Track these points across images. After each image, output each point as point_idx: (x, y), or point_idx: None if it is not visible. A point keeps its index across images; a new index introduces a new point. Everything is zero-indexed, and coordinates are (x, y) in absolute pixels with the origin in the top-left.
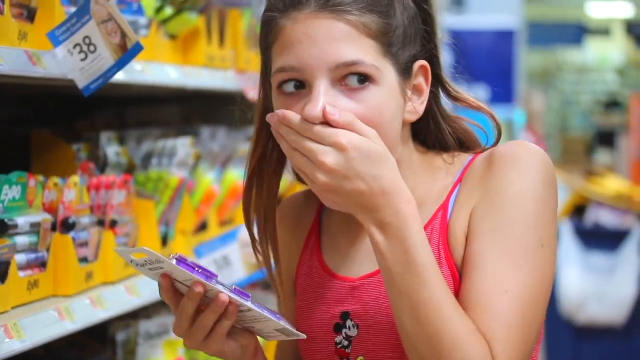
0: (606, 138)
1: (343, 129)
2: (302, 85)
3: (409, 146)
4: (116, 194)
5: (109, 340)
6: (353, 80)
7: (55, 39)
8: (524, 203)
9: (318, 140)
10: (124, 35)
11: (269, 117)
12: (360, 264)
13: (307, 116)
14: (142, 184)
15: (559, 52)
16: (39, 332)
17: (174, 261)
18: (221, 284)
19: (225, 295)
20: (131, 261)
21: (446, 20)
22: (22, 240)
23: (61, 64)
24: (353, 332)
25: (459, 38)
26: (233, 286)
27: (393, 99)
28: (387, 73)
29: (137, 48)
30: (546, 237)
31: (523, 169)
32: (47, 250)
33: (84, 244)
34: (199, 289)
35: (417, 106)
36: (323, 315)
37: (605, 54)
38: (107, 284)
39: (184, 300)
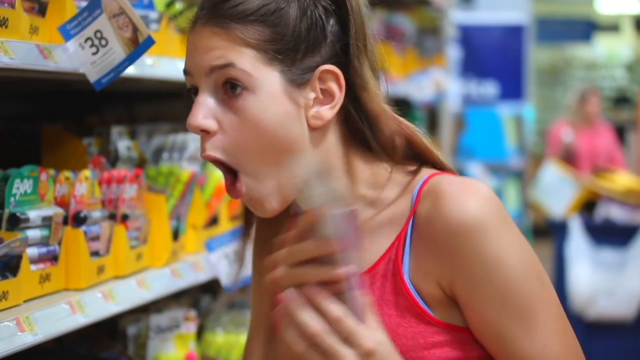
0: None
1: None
2: (194, 91)
3: (346, 153)
4: (127, 188)
5: (120, 334)
6: (228, 89)
7: (66, 33)
8: (506, 260)
9: (345, 337)
10: (135, 29)
11: (288, 294)
12: None
13: (187, 126)
14: (153, 179)
15: (568, 48)
16: (51, 325)
17: (341, 211)
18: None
19: (342, 266)
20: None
21: (456, 16)
22: (33, 234)
23: (72, 58)
24: None
25: (468, 34)
26: (357, 275)
27: (275, 106)
28: (268, 80)
29: (149, 42)
30: (537, 268)
31: (489, 233)
32: (59, 244)
33: (96, 238)
34: (332, 247)
35: (324, 111)
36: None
37: (614, 50)
38: (118, 278)
39: (312, 242)
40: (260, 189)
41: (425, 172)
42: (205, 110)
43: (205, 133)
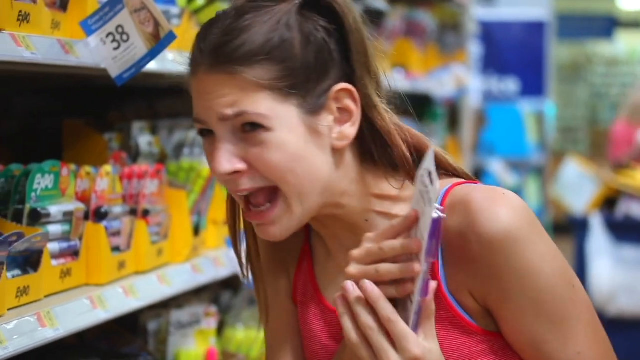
0: None
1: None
2: (207, 132)
3: (360, 170)
4: (149, 184)
5: (141, 329)
6: (248, 127)
7: (88, 28)
8: (539, 269)
9: (393, 338)
10: (157, 24)
11: (347, 285)
12: None
13: (216, 174)
14: (174, 174)
15: (589, 44)
16: (72, 320)
17: (435, 216)
18: (427, 271)
19: (418, 267)
20: (427, 169)
21: (477, 12)
22: (55, 229)
23: (94, 53)
24: None
25: (489, 30)
26: (428, 278)
27: (296, 139)
28: (285, 117)
29: (171, 37)
30: (569, 275)
31: (520, 243)
32: (80, 239)
33: (117, 233)
34: (417, 247)
35: (347, 130)
36: (333, 350)
37: (635, 46)
38: (139, 273)
39: (395, 241)
40: (290, 215)
41: (445, 182)
42: (228, 154)
43: (236, 174)
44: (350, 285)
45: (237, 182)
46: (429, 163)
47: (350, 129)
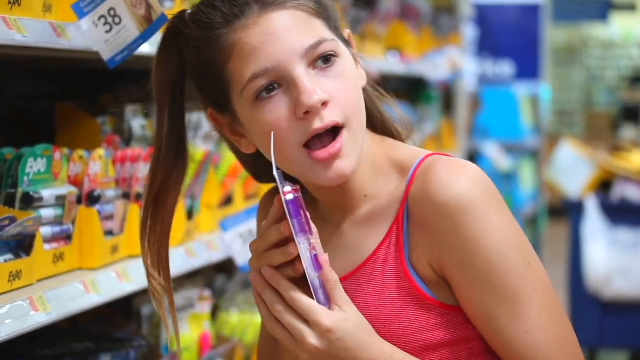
0: (631, 113)
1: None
2: (273, 88)
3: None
4: (142, 167)
5: (134, 314)
6: (320, 62)
7: (80, 10)
8: (490, 242)
9: (302, 315)
10: (149, 6)
11: (253, 276)
12: (337, 264)
13: (305, 106)
14: None
15: (584, 27)
16: (64, 305)
17: (289, 198)
18: (309, 245)
19: (295, 250)
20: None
21: None
22: (47, 213)
23: (86, 36)
24: None
25: (484, 13)
26: (314, 252)
27: (353, 67)
28: (340, 44)
29: (163, 20)
30: (526, 253)
31: (474, 213)
32: (73, 223)
33: (110, 217)
34: (287, 231)
35: (361, 71)
36: None
37: (630, 29)
38: (132, 257)
39: (274, 229)
40: (355, 145)
41: (421, 152)
42: (315, 84)
43: (322, 106)
44: (255, 276)
45: (321, 115)
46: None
47: (362, 71)
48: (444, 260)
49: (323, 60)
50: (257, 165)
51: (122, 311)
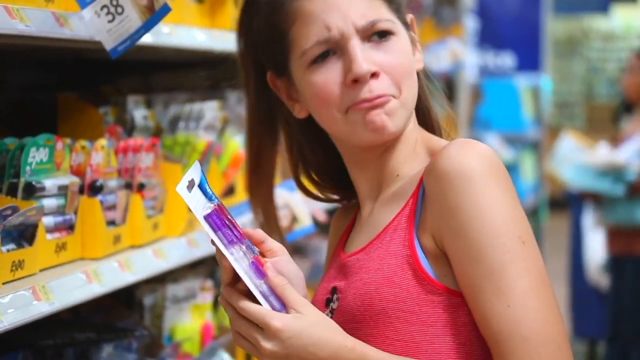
0: (632, 105)
1: (277, 292)
2: (328, 53)
3: (413, 112)
4: (144, 157)
5: (137, 304)
6: (376, 37)
7: (82, 0)
8: (486, 214)
9: (253, 321)
10: None
11: (221, 300)
12: (357, 242)
13: (355, 74)
14: (169, 148)
15: (585, 19)
16: (67, 294)
17: (206, 212)
18: (248, 250)
19: (228, 264)
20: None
21: None
22: (50, 202)
23: (88, 25)
24: (335, 306)
25: (485, 4)
26: (252, 258)
27: (408, 47)
28: (398, 25)
29: (165, 10)
30: (522, 233)
31: (473, 183)
32: (75, 213)
33: (112, 207)
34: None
35: (419, 56)
36: (323, 289)
37: (631, 21)
38: (134, 247)
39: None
40: (401, 114)
41: (447, 140)
42: (366, 56)
43: (371, 78)
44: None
45: (369, 85)
46: (192, 172)
47: (421, 55)
48: (443, 230)
49: (378, 35)
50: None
51: (124, 301)
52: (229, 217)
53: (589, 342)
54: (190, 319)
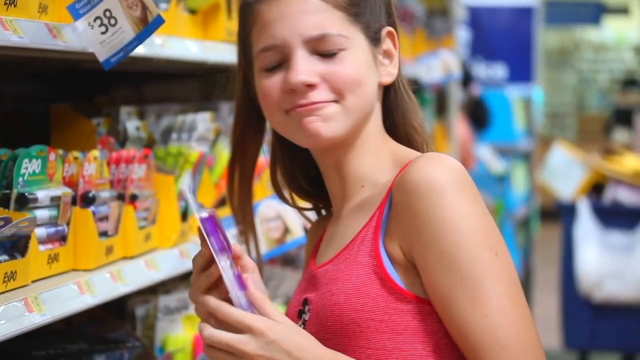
0: (624, 117)
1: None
2: (278, 62)
3: (379, 123)
4: (136, 169)
5: (129, 315)
6: (325, 51)
7: (75, 12)
8: (457, 225)
9: (238, 325)
10: (144, 8)
11: (199, 307)
12: (325, 253)
13: (290, 84)
14: (162, 159)
15: (577, 30)
16: (59, 306)
17: (203, 217)
18: (232, 264)
19: (218, 272)
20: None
21: None
22: (42, 214)
23: (82, 37)
24: (307, 317)
25: (477, 16)
26: (236, 271)
27: (364, 60)
28: (356, 39)
29: (158, 21)
30: (494, 243)
31: (443, 196)
32: (68, 224)
33: (104, 218)
34: (207, 250)
35: (390, 69)
36: (295, 301)
37: (623, 32)
38: (127, 258)
39: (197, 254)
40: (343, 119)
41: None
42: (308, 67)
43: (308, 87)
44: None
45: (306, 94)
46: (188, 180)
47: (394, 69)
48: (413, 242)
49: (325, 53)
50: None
51: (116, 312)
52: (221, 226)
53: (579, 353)
54: (182, 330)
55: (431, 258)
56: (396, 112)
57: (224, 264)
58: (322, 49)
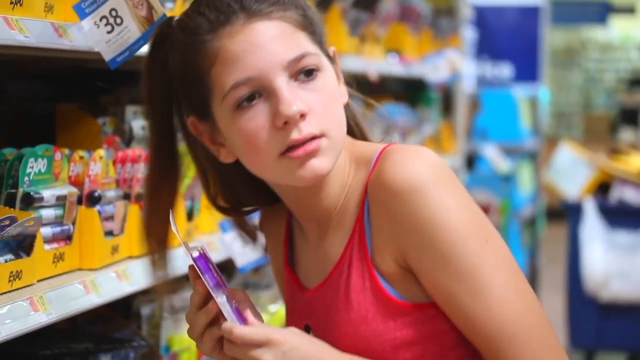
0: (630, 116)
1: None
2: (254, 97)
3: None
4: (142, 168)
5: (134, 314)
6: (302, 75)
7: (81, 11)
8: (446, 220)
9: (254, 342)
10: (150, 7)
11: (198, 347)
12: (314, 275)
13: (284, 116)
14: None
15: (583, 30)
16: (64, 305)
17: (194, 255)
18: (228, 299)
19: (214, 306)
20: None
21: None
22: (48, 213)
23: (87, 36)
24: None
25: (483, 15)
26: (234, 305)
27: (334, 82)
28: (322, 58)
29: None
30: (484, 231)
31: (427, 194)
32: (73, 223)
33: (110, 217)
34: (202, 289)
35: (344, 89)
36: (296, 325)
37: (629, 32)
38: (132, 257)
39: (193, 292)
40: (333, 152)
41: (379, 145)
42: (294, 96)
43: (300, 118)
44: (198, 346)
45: (298, 126)
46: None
47: (344, 89)
48: (405, 247)
49: (305, 73)
50: (228, 187)
51: (122, 312)
52: (212, 261)
53: (586, 353)
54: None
55: (426, 260)
56: (354, 131)
57: (221, 299)
58: (301, 69)
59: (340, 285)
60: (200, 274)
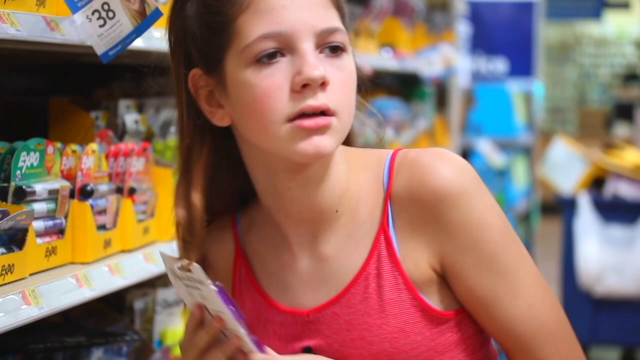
0: (625, 111)
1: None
2: (275, 55)
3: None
4: (135, 162)
5: (127, 308)
6: (328, 50)
7: (73, 5)
8: (490, 222)
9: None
10: (143, 1)
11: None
12: (303, 294)
13: (307, 78)
14: (160, 152)
15: (578, 25)
16: (56, 299)
17: (216, 289)
18: (247, 331)
19: (237, 341)
20: (170, 269)
21: None
22: (40, 207)
23: (80, 30)
24: None
25: (478, 10)
26: (254, 337)
27: (354, 67)
28: (348, 43)
29: (157, 14)
30: (512, 230)
31: (471, 197)
32: (65, 217)
33: (103, 211)
34: (219, 324)
35: None
36: (280, 351)
37: (624, 27)
38: (125, 251)
39: (201, 332)
40: (339, 134)
41: (385, 152)
42: (319, 63)
43: (321, 86)
44: None
45: (316, 94)
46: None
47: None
48: (447, 250)
49: (330, 49)
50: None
51: (115, 305)
52: (229, 295)
53: (580, 347)
54: (180, 324)
55: (470, 261)
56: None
57: (243, 330)
58: (329, 43)
59: (368, 298)
60: (225, 306)
